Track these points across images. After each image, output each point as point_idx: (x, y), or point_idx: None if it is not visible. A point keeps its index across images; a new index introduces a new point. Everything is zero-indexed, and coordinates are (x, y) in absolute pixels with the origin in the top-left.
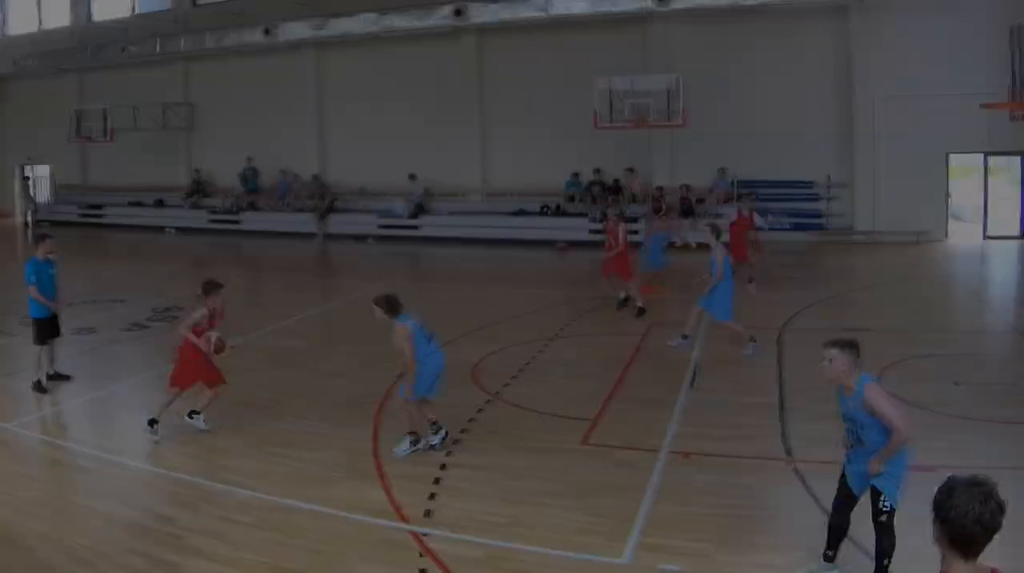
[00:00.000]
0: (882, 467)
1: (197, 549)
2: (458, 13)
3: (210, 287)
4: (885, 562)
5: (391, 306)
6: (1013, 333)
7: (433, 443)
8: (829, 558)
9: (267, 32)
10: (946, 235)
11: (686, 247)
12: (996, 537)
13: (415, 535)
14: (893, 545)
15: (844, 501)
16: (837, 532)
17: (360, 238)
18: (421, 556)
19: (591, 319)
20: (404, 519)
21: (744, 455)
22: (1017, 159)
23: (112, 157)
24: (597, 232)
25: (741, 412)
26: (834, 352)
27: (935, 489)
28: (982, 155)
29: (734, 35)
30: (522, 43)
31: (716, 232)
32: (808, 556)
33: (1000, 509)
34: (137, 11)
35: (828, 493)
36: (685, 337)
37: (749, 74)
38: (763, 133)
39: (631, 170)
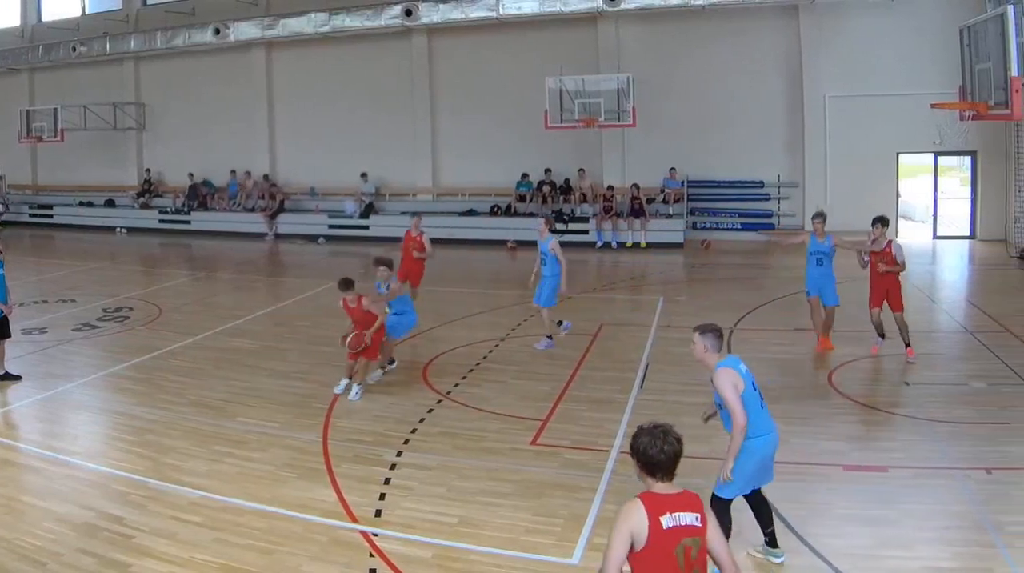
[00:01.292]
0: (729, 467)
1: (147, 549)
2: (408, 13)
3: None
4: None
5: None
6: (963, 333)
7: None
8: (768, 539)
9: (217, 32)
10: (896, 235)
11: (635, 246)
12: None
13: (365, 535)
14: (728, 525)
15: None
16: (756, 512)
17: (311, 238)
18: (371, 556)
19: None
20: (354, 519)
21: (694, 455)
22: (967, 159)
23: (62, 157)
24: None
25: (692, 412)
26: (696, 336)
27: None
28: (932, 155)
29: (684, 35)
30: (472, 43)
31: (550, 225)
32: (758, 555)
33: (675, 441)
34: (87, 11)
35: (778, 492)
36: (550, 338)
37: (699, 74)
38: (714, 133)
39: (582, 171)
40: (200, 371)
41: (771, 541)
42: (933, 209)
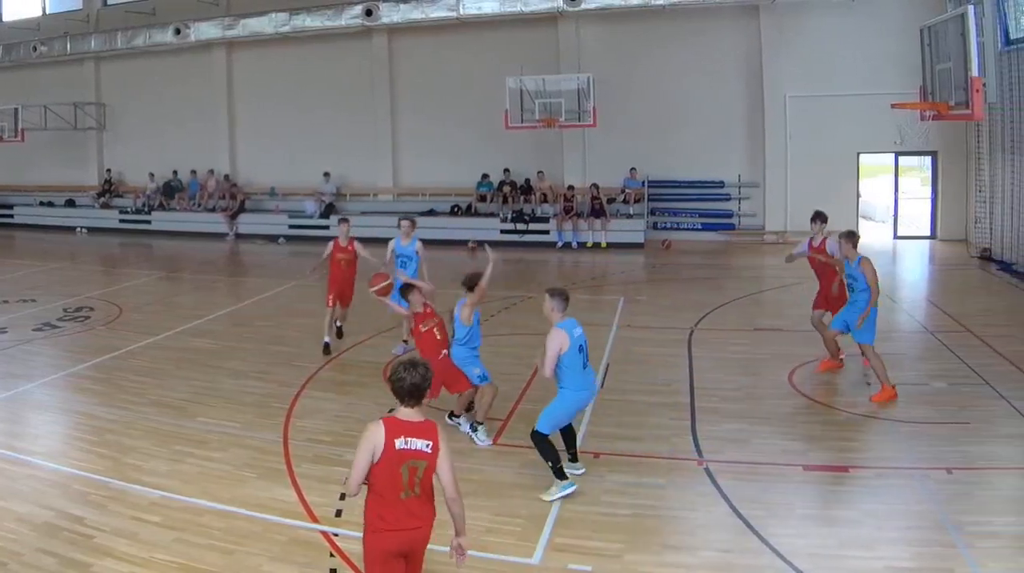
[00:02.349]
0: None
1: (108, 549)
2: (369, 13)
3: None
4: (550, 464)
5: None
6: (924, 333)
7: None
8: (572, 457)
9: (178, 32)
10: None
11: (596, 246)
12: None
13: (325, 535)
14: (548, 454)
15: None
16: (565, 436)
17: (271, 238)
18: (331, 556)
19: (503, 319)
20: (314, 519)
21: (655, 455)
22: (928, 159)
23: (22, 157)
24: (508, 232)
25: (652, 412)
26: (546, 297)
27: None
28: (893, 155)
29: (645, 35)
30: (433, 43)
31: (413, 225)
32: (718, 555)
33: (421, 374)
34: (48, 11)
35: (740, 493)
36: (406, 342)
37: (660, 74)
38: (674, 133)
39: (541, 173)
40: (161, 371)
41: (572, 457)
42: (894, 209)
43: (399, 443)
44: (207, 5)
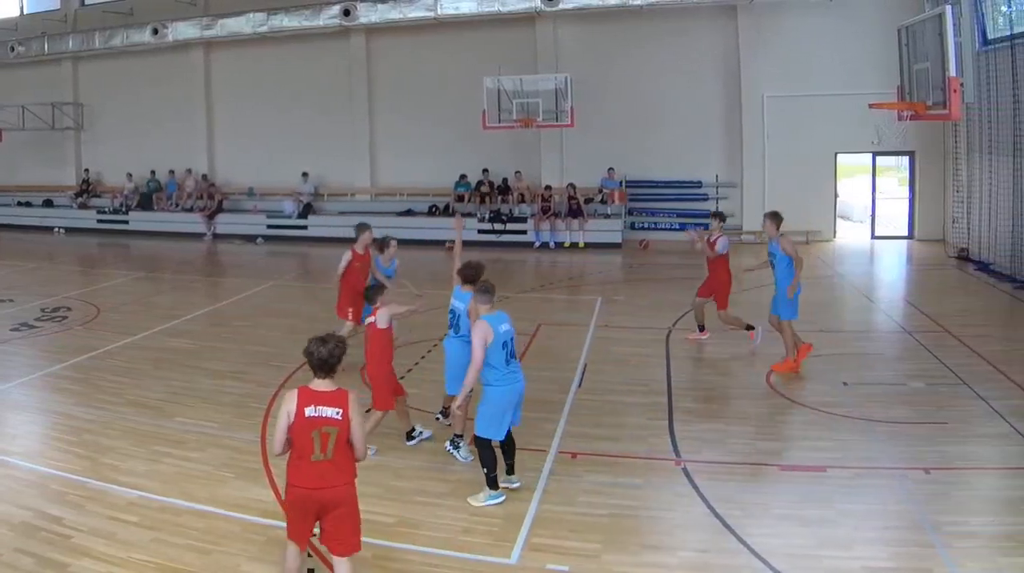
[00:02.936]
0: (462, 395)
1: (86, 549)
2: (347, 13)
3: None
4: (485, 470)
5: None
6: (902, 333)
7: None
8: (508, 469)
9: (156, 32)
10: (834, 235)
11: (574, 246)
12: None
13: None
14: (486, 460)
15: None
16: (504, 447)
17: (249, 238)
18: (309, 556)
19: None
20: None
21: (632, 455)
22: (905, 159)
23: (0, 157)
24: (485, 232)
25: (629, 412)
26: (476, 293)
27: None
28: (870, 155)
29: (623, 35)
30: (411, 43)
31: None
32: (695, 555)
33: (333, 348)
34: (25, 11)
35: (717, 493)
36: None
37: (638, 74)
38: (652, 133)
39: (518, 173)
40: (138, 371)
41: (508, 469)
42: (871, 209)
43: (309, 411)
44: (185, 5)
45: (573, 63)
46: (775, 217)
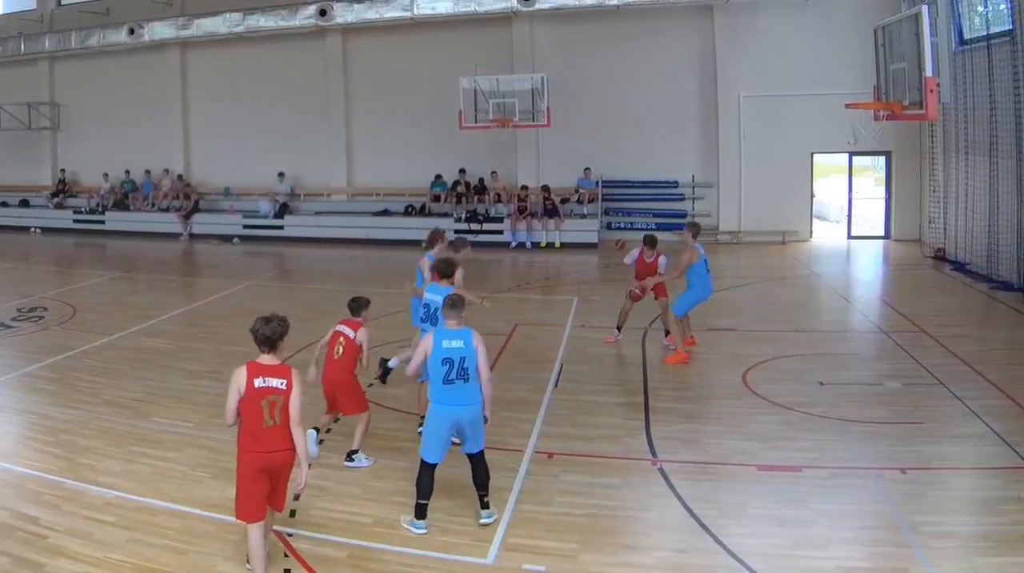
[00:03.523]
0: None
1: (62, 549)
2: (323, 13)
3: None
4: (416, 495)
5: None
6: (878, 333)
7: None
8: (481, 504)
9: (132, 32)
10: (811, 235)
11: (550, 246)
12: None
13: (279, 535)
14: (419, 485)
15: None
16: (475, 479)
17: (225, 238)
18: (286, 556)
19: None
20: None
21: (609, 455)
22: (882, 159)
23: None
24: (462, 232)
25: (606, 412)
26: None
27: None
28: (847, 155)
29: (599, 35)
30: (387, 43)
31: None
32: (672, 555)
33: (276, 326)
34: (1, 11)
35: (694, 493)
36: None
37: (614, 74)
38: (628, 133)
39: (494, 173)
40: (115, 371)
41: (482, 503)
42: (847, 209)
43: (257, 382)
44: (161, 5)
45: (549, 63)
46: (693, 227)
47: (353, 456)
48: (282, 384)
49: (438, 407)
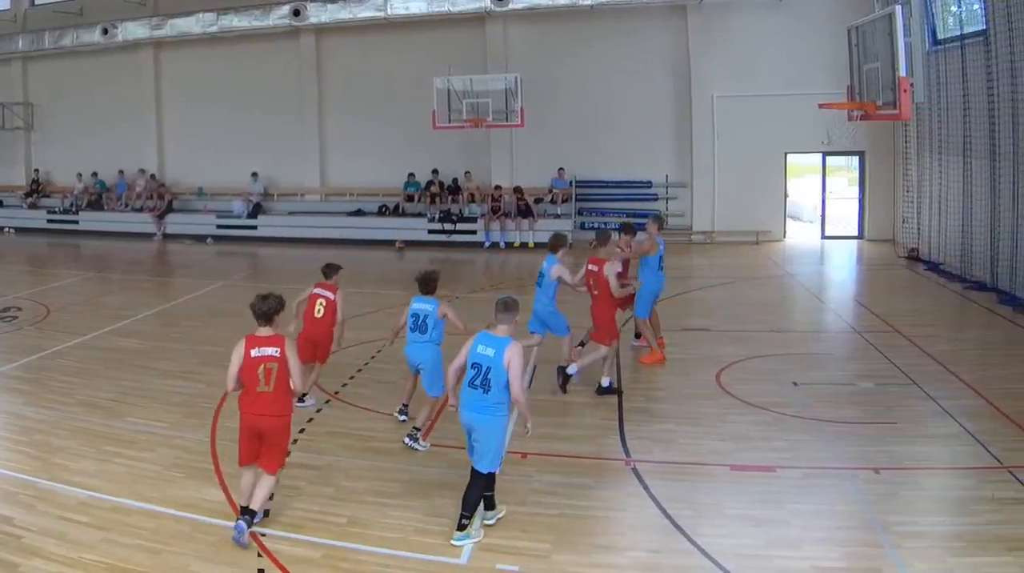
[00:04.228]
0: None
1: (36, 549)
2: (296, 13)
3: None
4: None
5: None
6: (851, 333)
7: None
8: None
9: (105, 32)
10: (784, 235)
11: (523, 246)
12: None
13: (253, 535)
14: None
15: None
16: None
17: (199, 238)
18: (259, 556)
19: None
20: None
21: (583, 455)
22: (855, 159)
23: None
24: (435, 232)
25: (580, 412)
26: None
27: None
28: (820, 155)
29: (572, 35)
30: (361, 43)
31: None
32: (646, 555)
33: (271, 304)
34: None
35: (668, 493)
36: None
37: (588, 74)
38: (602, 133)
39: (468, 173)
40: (88, 371)
41: (459, 524)
42: (821, 209)
43: (254, 352)
44: (134, 5)
45: (523, 63)
46: (657, 219)
47: (304, 398)
48: (276, 352)
49: (461, 406)
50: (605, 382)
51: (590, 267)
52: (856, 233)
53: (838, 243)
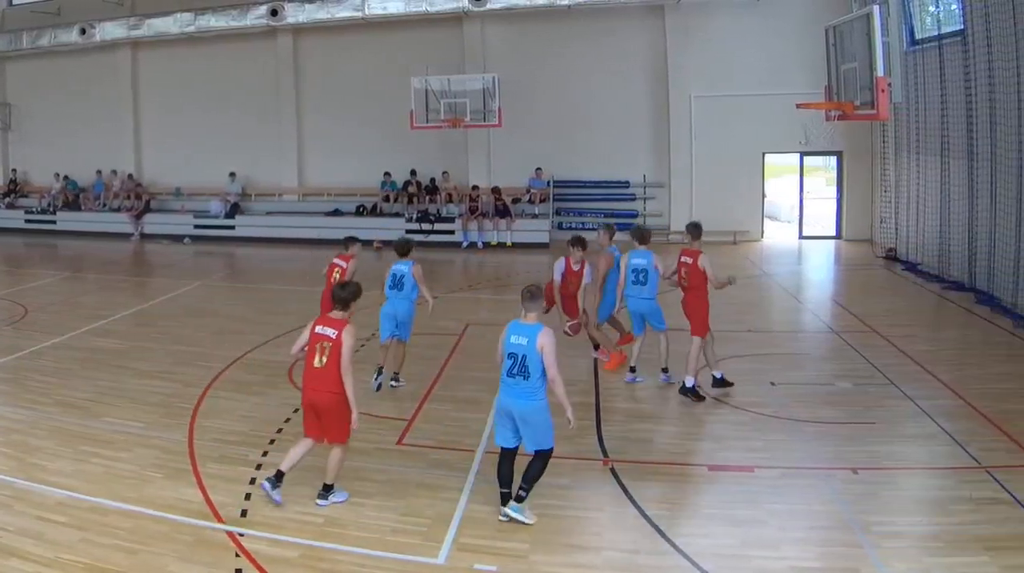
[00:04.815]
0: None
1: (13, 549)
2: (274, 13)
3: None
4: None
5: None
6: (829, 333)
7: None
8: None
9: (83, 32)
10: (762, 235)
11: (501, 246)
12: None
13: (231, 535)
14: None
15: None
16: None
17: (176, 238)
18: (237, 556)
19: None
20: (220, 519)
21: (560, 455)
22: (833, 159)
23: None
24: (412, 232)
25: (557, 412)
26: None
27: None
28: (798, 155)
29: (550, 35)
30: (339, 43)
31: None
32: (623, 556)
33: (348, 292)
34: None
35: (645, 493)
36: None
37: (565, 74)
38: (580, 133)
39: (446, 173)
40: (66, 371)
41: (516, 497)
42: (799, 209)
43: (318, 329)
44: (112, 5)
45: (501, 63)
46: (608, 229)
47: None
48: (333, 334)
49: (499, 396)
50: (718, 374)
51: (683, 259)
52: (834, 233)
53: (816, 243)
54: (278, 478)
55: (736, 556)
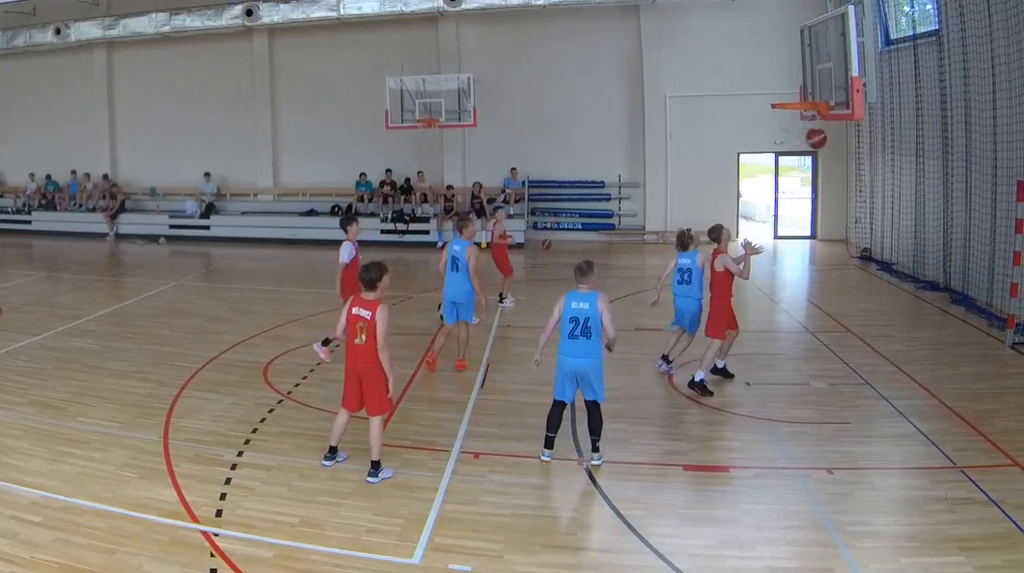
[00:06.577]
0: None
1: None
2: (249, 13)
3: None
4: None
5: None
6: (804, 333)
7: None
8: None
9: (58, 32)
10: (737, 235)
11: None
12: None
13: (206, 535)
14: (551, 416)
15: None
16: (588, 418)
17: (151, 238)
18: (212, 556)
19: None
20: (195, 519)
21: (535, 455)
22: (808, 159)
23: None
24: (388, 232)
25: (532, 412)
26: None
27: None
28: (773, 155)
29: (525, 35)
30: (314, 42)
31: None
32: (598, 555)
33: (375, 271)
34: None
35: (620, 493)
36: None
37: (541, 74)
38: (555, 133)
39: (420, 174)
40: (41, 371)
41: (593, 447)
42: (774, 209)
43: (355, 310)
44: (87, 5)
45: (476, 63)
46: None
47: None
48: (368, 314)
49: (563, 358)
50: (720, 363)
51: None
52: (809, 233)
53: (791, 243)
54: (331, 452)
55: (711, 556)
